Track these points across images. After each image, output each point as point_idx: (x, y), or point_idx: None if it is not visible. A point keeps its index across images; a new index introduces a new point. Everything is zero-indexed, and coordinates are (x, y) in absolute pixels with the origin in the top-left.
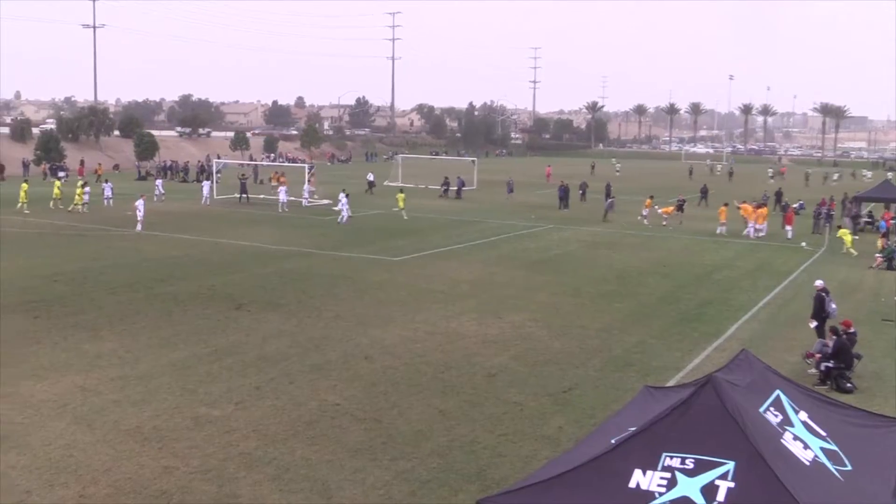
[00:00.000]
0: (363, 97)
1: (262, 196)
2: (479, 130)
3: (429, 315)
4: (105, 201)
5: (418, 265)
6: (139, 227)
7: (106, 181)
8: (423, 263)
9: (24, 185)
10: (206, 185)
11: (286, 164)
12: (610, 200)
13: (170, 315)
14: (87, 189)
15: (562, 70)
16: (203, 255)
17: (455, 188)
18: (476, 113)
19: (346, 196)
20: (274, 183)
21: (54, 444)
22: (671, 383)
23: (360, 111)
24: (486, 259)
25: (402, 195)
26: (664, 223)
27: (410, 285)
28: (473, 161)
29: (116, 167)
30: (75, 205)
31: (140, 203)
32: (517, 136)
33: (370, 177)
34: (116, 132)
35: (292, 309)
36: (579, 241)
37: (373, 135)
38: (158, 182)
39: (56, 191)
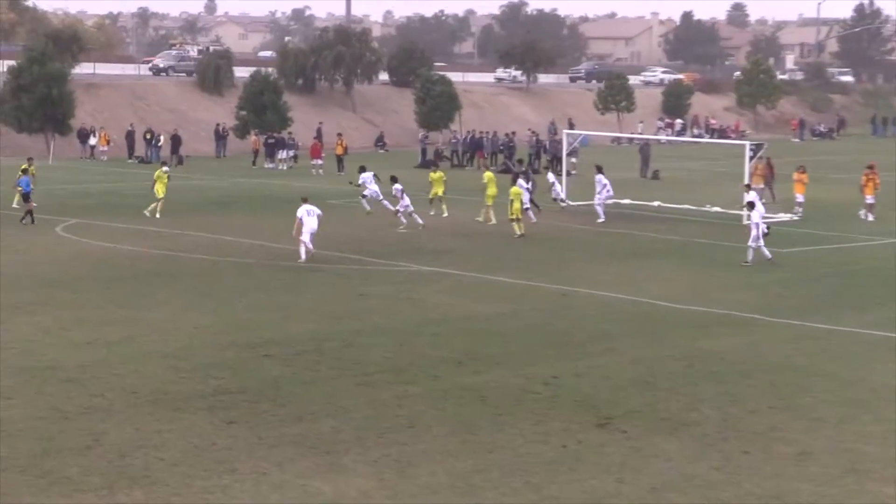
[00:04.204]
0: (868, 1)
1: (655, 203)
2: None
3: None
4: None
5: None
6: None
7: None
8: None
9: (489, 175)
10: (367, 181)
11: (702, 138)
12: None
13: (472, 430)
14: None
15: None
16: (536, 317)
17: None
18: None
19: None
20: (796, 178)
21: None
22: None
23: (863, 31)
24: None
25: None
26: None
27: None
28: None
29: (381, 142)
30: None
31: (399, 191)
32: None
33: None
34: (383, 75)
35: (709, 432)
36: None
37: (888, 84)
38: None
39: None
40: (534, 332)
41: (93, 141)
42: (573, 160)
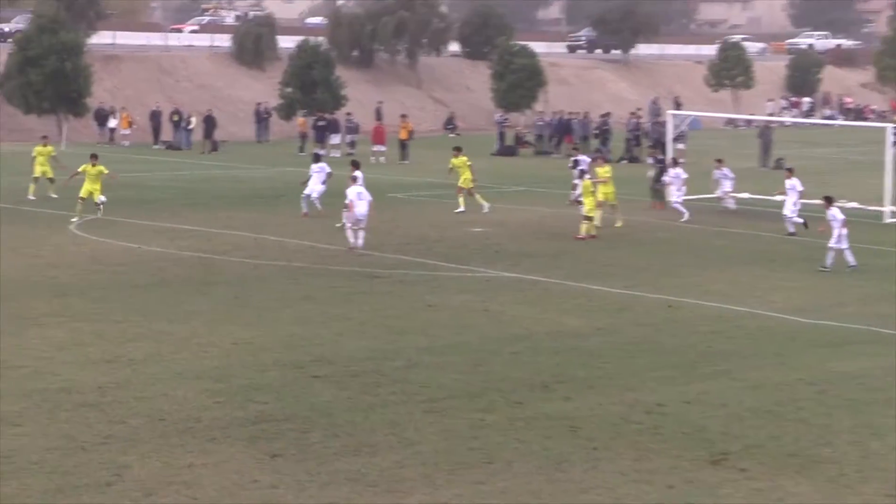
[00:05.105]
0: None
1: (779, 198)
2: None
3: None
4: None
5: None
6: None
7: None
8: None
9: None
10: (315, 174)
11: (835, 120)
12: None
13: (561, 467)
14: None
15: None
16: (637, 334)
17: None
18: None
19: None
20: None
21: None
22: None
23: None
24: None
25: None
26: None
27: None
28: None
29: (452, 125)
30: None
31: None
32: None
33: None
34: (454, 45)
35: (846, 472)
36: None
37: None
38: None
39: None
40: (634, 351)
41: (113, 123)
42: (680, 146)
